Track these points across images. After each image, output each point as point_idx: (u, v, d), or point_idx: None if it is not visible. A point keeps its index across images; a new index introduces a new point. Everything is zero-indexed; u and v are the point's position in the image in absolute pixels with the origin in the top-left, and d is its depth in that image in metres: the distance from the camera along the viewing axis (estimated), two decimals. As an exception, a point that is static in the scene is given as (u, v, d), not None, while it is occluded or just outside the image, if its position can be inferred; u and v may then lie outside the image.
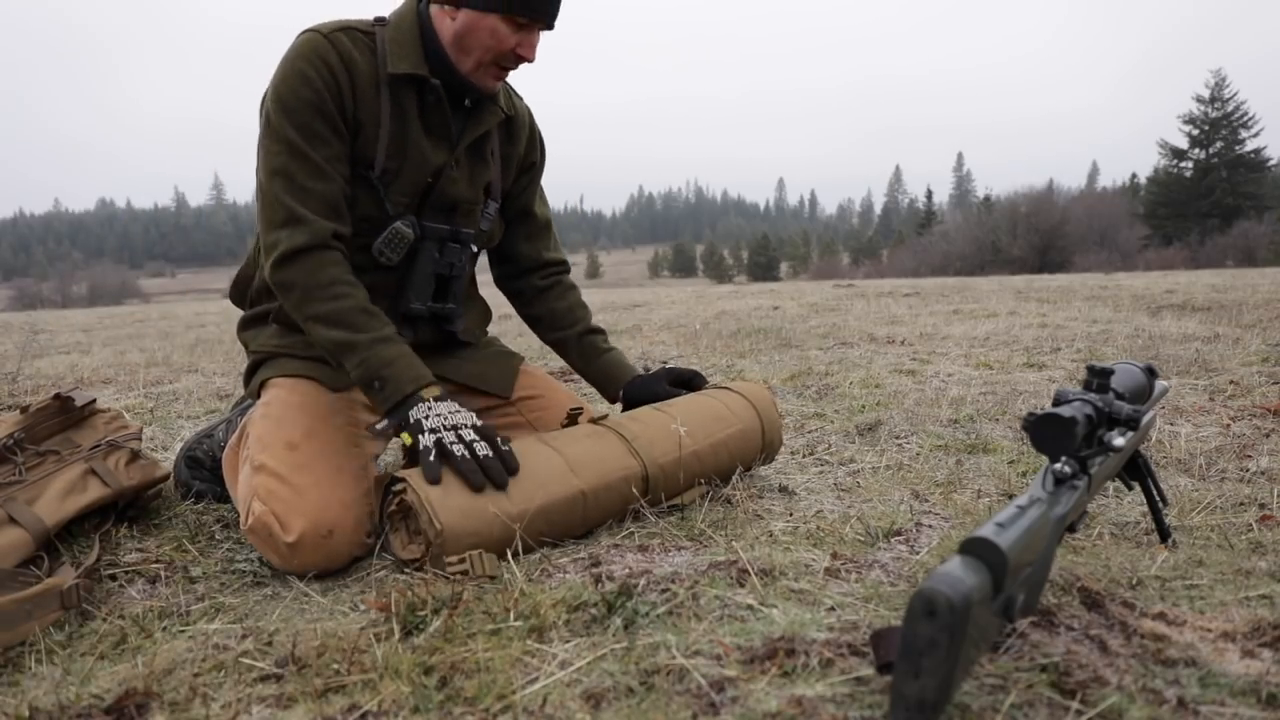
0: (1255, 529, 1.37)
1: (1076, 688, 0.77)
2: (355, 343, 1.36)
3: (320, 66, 1.39)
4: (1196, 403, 2.33)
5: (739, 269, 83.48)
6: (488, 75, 1.47)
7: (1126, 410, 0.97)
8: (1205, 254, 33.82)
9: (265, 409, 1.45)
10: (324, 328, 1.37)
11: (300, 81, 1.38)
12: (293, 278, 1.38)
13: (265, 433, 1.39)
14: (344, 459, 1.37)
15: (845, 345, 3.89)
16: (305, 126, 1.38)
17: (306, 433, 1.38)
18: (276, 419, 1.41)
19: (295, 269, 1.38)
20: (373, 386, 1.35)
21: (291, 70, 1.38)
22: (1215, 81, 43.44)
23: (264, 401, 1.48)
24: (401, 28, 1.46)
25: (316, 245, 1.38)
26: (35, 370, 3.94)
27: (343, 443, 1.41)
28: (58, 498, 1.33)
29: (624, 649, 0.88)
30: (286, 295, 1.40)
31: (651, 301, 8.07)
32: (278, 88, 1.39)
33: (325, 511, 1.27)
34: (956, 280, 11.45)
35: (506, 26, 1.40)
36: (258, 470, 1.33)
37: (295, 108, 1.38)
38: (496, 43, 1.41)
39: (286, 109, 1.38)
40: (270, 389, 1.51)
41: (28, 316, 11.26)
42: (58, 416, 1.51)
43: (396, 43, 1.45)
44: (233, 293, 1.69)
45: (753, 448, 1.62)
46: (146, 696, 0.87)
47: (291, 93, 1.38)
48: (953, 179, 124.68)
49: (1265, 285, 6.60)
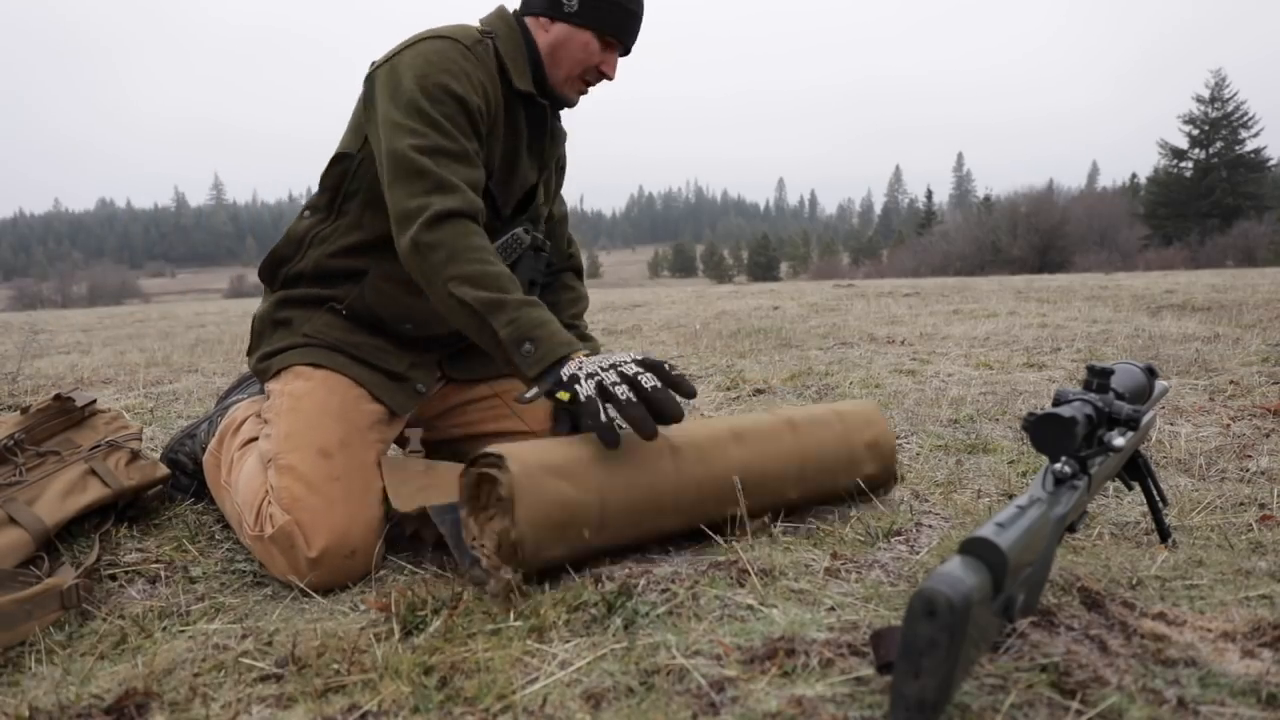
0: (1255, 529, 1.37)
1: (1076, 688, 0.77)
2: (505, 302, 1.26)
3: (472, 73, 1.40)
4: (1196, 403, 2.33)
5: (739, 269, 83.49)
6: (573, 88, 1.53)
7: (1126, 410, 0.97)
8: (1205, 254, 33.82)
9: (295, 401, 1.39)
10: (470, 287, 1.26)
11: (451, 79, 1.37)
12: (442, 238, 1.29)
13: (296, 430, 1.34)
14: (373, 477, 1.35)
15: (845, 345, 3.89)
16: (453, 119, 1.37)
17: (342, 442, 1.34)
18: (310, 418, 1.36)
19: (446, 230, 1.30)
20: (522, 348, 1.24)
21: (441, 65, 1.37)
22: (1215, 82, 43.47)
23: (293, 392, 1.40)
24: (513, 41, 1.49)
25: (468, 213, 1.33)
26: (35, 370, 3.94)
27: (373, 460, 1.38)
28: (58, 498, 1.33)
29: (624, 649, 0.88)
30: (429, 255, 1.29)
31: (651, 301, 8.07)
32: (424, 76, 1.36)
33: (351, 531, 1.25)
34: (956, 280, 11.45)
35: (597, 43, 1.48)
36: (283, 471, 1.29)
37: (443, 99, 1.36)
38: (587, 57, 1.48)
39: (434, 98, 1.36)
40: (299, 378, 1.42)
41: (28, 316, 11.26)
42: (58, 417, 1.51)
43: (513, 58, 1.48)
44: (264, 271, 1.59)
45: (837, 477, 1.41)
46: (146, 696, 0.87)
47: (441, 87, 1.36)
48: (953, 179, 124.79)
49: (1265, 285, 6.60)
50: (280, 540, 1.23)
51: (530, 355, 1.22)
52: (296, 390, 1.41)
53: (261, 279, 1.60)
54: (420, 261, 1.30)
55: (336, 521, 1.24)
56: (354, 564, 1.24)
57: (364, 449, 1.37)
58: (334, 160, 1.49)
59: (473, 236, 1.31)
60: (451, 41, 1.42)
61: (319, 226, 1.51)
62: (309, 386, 1.41)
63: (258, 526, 1.28)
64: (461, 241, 1.30)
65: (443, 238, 1.29)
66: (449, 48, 1.40)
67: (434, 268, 1.29)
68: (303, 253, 1.52)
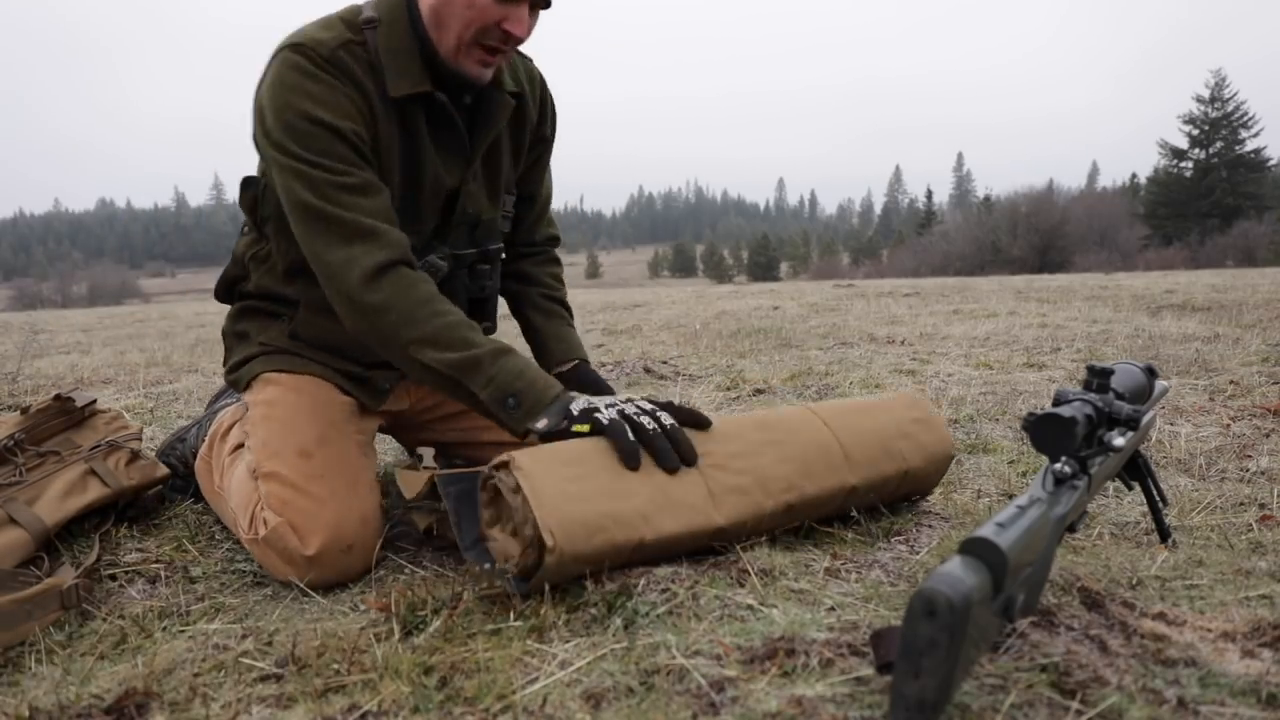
0: (1255, 529, 1.37)
1: (1076, 688, 0.77)
2: (478, 360, 1.17)
3: (329, 95, 1.24)
4: (1196, 403, 2.33)
5: (739, 269, 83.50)
6: (470, 59, 1.28)
7: (1126, 410, 0.97)
8: (1205, 254, 33.82)
9: (268, 409, 1.37)
10: (435, 350, 1.18)
11: (313, 105, 1.23)
12: (386, 299, 1.19)
13: (272, 437, 1.32)
14: (358, 469, 1.33)
15: (845, 345, 3.89)
16: (332, 151, 1.24)
17: (320, 439, 1.32)
18: (284, 422, 1.34)
19: (386, 288, 1.20)
20: (506, 405, 1.16)
21: (300, 91, 1.23)
22: (1215, 82, 43.48)
23: (264, 400, 1.39)
24: (395, 31, 1.29)
25: (399, 260, 1.23)
26: (35, 370, 3.94)
27: (355, 452, 1.36)
28: (58, 498, 1.33)
29: (624, 649, 0.88)
30: (378, 319, 1.20)
31: (651, 301, 8.07)
32: (283, 109, 1.23)
33: (345, 526, 1.24)
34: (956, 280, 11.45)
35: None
36: (268, 478, 1.28)
37: (313, 132, 1.23)
38: (475, 15, 1.23)
39: (302, 133, 1.23)
40: (268, 385, 1.41)
41: (28, 316, 11.26)
42: (58, 417, 1.51)
43: (392, 54, 1.29)
44: (219, 292, 1.58)
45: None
46: (146, 696, 0.87)
47: (305, 117, 1.22)
48: (953, 179, 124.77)
49: (1265, 285, 6.60)
50: (275, 541, 1.22)
51: (517, 411, 1.16)
52: (267, 398, 1.39)
53: (218, 299, 1.58)
54: (368, 327, 1.22)
55: (328, 518, 1.23)
56: (352, 560, 1.24)
57: (343, 441, 1.35)
58: (243, 184, 1.41)
59: (418, 288, 1.22)
60: (304, 57, 1.24)
61: (255, 247, 1.47)
62: (278, 392, 1.39)
63: (252, 530, 1.27)
64: (408, 298, 1.20)
65: (387, 299, 1.20)
66: (300, 67, 1.24)
67: (387, 333, 1.21)
68: (248, 273, 1.49)
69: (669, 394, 2.76)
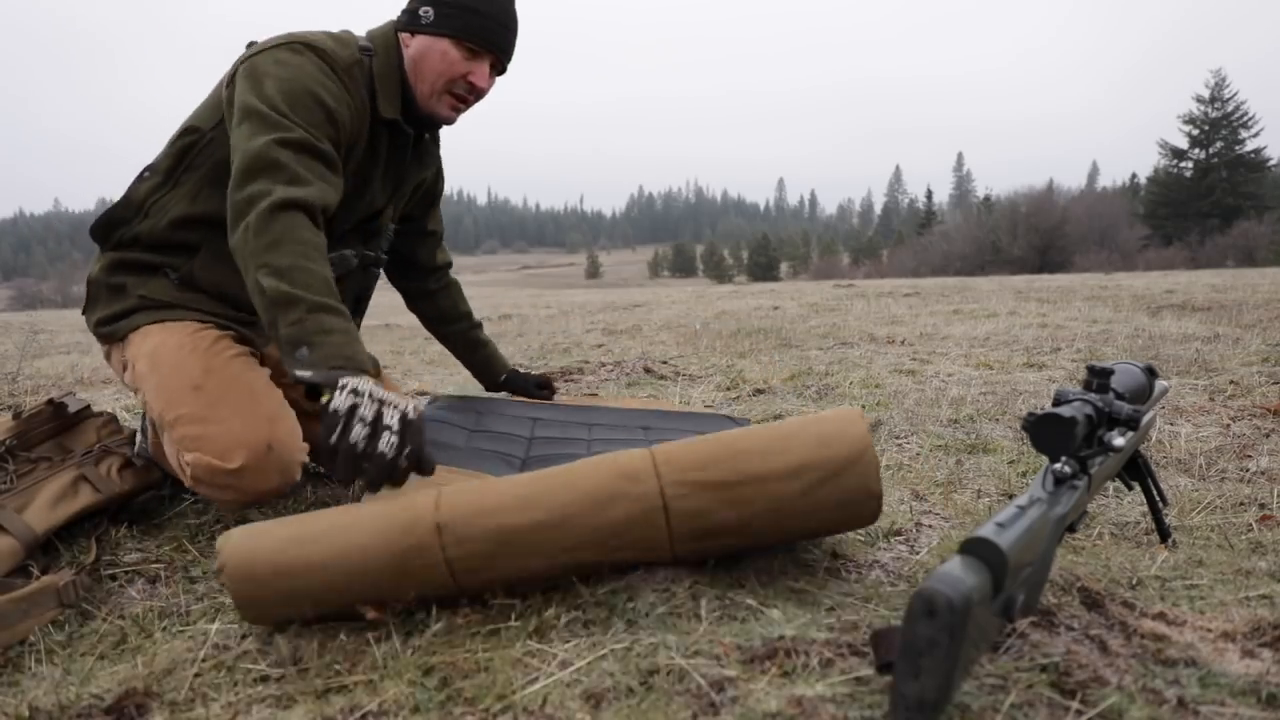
0: (1255, 529, 1.37)
1: (1076, 688, 0.77)
2: (299, 300, 1.15)
3: (339, 93, 1.38)
4: (1196, 403, 2.33)
5: (739, 269, 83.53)
6: (442, 104, 1.49)
7: (1126, 410, 0.97)
8: (1205, 254, 33.82)
9: (151, 361, 1.41)
10: (274, 278, 1.16)
11: (321, 89, 1.35)
12: (273, 226, 1.20)
13: (162, 385, 1.37)
14: (251, 380, 1.39)
15: (845, 345, 3.89)
16: (320, 126, 1.34)
17: (205, 370, 1.37)
18: (170, 367, 1.38)
19: (281, 220, 1.21)
20: (297, 351, 1.13)
21: (312, 77, 1.35)
22: (1215, 82, 43.47)
23: (146, 352, 1.43)
24: (389, 63, 1.47)
25: (312, 206, 1.25)
26: (35, 370, 3.94)
27: (242, 366, 1.41)
28: (48, 505, 1.33)
29: (624, 649, 0.88)
30: (252, 240, 1.19)
31: (651, 301, 8.07)
32: (291, 80, 1.33)
33: (255, 431, 1.29)
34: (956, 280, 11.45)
35: (457, 51, 1.44)
36: (172, 425, 1.33)
37: (310, 105, 1.33)
38: (447, 67, 1.44)
39: (300, 102, 1.32)
40: (147, 337, 1.45)
41: (28, 316, 11.26)
42: (50, 422, 1.50)
43: (385, 80, 1.46)
44: (97, 230, 1.53)
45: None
46: (146, 696, 0.87)
47: (309, 94, 1.34)
48: (953, 179, 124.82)
49: (1265, 285, 6.60)
50: (203, 476, 1.28)
51: (303, 360, 1.13)
52: (148, 349, 1.43)
53: (94, 238, 1.54)
54: (243, 244, 1.22)
55: (237, 432, 1.28)
56: (279, 457, 1.29)
57: (228, 364, 1.40)
58: (184, 131, 1.47)
59: (304, 230, 1.23)
60: (323, 60, 1.39)
61: (157, 193, 1.49)
62: (158, 339, 1.43)
63: (187, 479, 1.32)
64: (290, 233, 1.21)
65: (274, 226, 1.20)
66: (319, 66, 1.38)
67: (253, 252, 1.19)
68: (140, 217, 1.50)
69: (669, 394, 2.76)
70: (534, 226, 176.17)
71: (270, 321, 1.17)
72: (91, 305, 1.55)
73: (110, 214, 1.52)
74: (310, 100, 1.34)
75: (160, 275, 1.50)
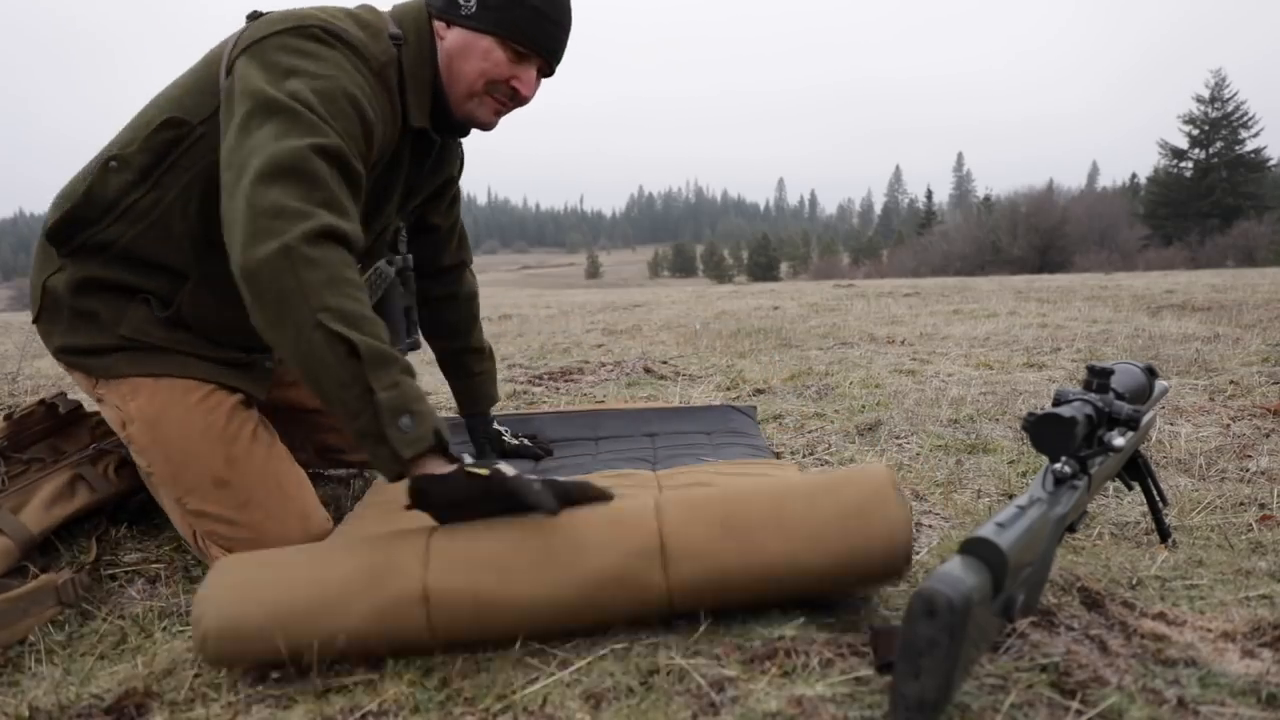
0: (1255, 529, 1.37)
1: (1076, 688, 0.77)
2: (392, 359, 1.00)
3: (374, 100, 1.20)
4: (1196, 403, 2.33)
5: (739, 269, 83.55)
6: (483, 106, 1.30)
7: (1126, 410, 0.97)
8: (1205, 254, 33.83)
9: (153, 431, 1.24)
10: (345, 326, 0.98)
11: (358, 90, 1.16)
12: (325, 257, 1.01)
13: (176, 468, 1.24)
14: (278, 470, 1.28)
15: (845, 345, 3.89)
16: (356, 138, 1.15)
17: (227, 460, 1.24)
18: (182, 449, 1.24)
19: (331, 251, 1.03)
20: (400, 420, 0.98)
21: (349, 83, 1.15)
22: (1215, 82, 43.46)
23: (146, 417, 1.25)
24: (420, 57, 1.27)
25: (354, 244, 1.08)
26: (35, 370, 3.94)
27: (265, 453, 1.28)
28: (44, 506, 1.32)
29: (624, 649, 0.88)
30: (302, 271, 0.99)
31: (651, 301, 8.06)
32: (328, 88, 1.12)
33: (289, 533, 1.23)
34: (956, 280, 11.45)
35: (502, 52, 1.25)
36: (198, 517, 1.24)
37: (347, 110, 1.14)
38: (490, 67, 1.25)
39: (337, 105, 1.12)
40: (139, 393, 1.26)
41: (28, 316, 11.26)
42: (43, 423, 1.49)
43: (415, 81, 1.27)
44: (55, 233, 1.26)
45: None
46: (146, 696, 0.87)
47: (347, 96, 1.14)
48: (953, 179, 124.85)
49: (1265, 285, 6.60)
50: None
51: (409, 433, 0.98)
52: (146, 414, 1.25)
53: (52, 241, 1.27)
54: (285, 273, 0.99)
55: (272, 536, 1.22)
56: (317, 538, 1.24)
57: (252, 451, 1.27)
58: (165, 123, 1.21)
59: (352, 271, 1.05)
60: (361, 60, 1.19)
61: (132, 194, 1.23)
62: (159, 406, 1.25)
63: (207, 558, 1.27)
64: (344, 271, 1.03)
65: (326, 257, 1.02)
66: (358, 67, 1.19)
67: (306, 288, 0.99)
68: (110, 219, 1.24)
69: (669, 394, 2.76)
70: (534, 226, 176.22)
71: (344, 378, 0.98)
72: (49, 322, 1.31)
73: (73, 212, 1.24)
74: (349, 106, 1.13)
75: (140, 304, 1.27)
